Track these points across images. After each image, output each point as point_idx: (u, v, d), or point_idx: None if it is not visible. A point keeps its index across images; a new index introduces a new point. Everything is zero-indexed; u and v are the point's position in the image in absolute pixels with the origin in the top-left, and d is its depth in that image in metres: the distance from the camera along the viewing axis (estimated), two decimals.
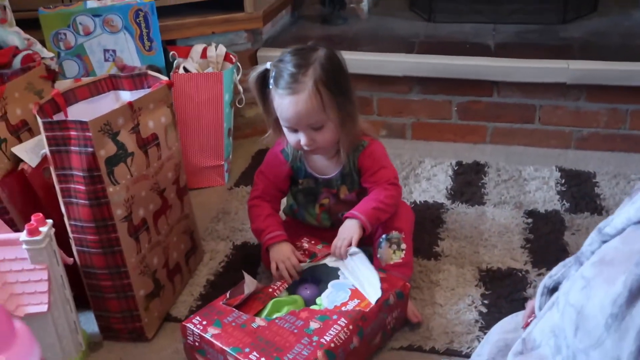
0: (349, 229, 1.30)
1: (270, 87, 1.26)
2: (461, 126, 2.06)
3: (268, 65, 1.27)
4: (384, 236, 1.35)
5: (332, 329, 1.13)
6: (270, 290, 1.29)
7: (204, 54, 1.90)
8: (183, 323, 1.18)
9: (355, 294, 1.24)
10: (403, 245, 1.35)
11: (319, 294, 1.26)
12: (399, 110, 2.09)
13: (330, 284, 1.27)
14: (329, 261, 1.33)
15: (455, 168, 1.88)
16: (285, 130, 1.30)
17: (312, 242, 1.39)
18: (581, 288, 0.74)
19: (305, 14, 2.48)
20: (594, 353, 0.71)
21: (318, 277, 1.31)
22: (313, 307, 1.23)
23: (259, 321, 1.17)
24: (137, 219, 1.23)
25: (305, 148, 1.29)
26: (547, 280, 0.91)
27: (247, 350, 1.09)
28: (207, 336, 1.13)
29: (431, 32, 2.23)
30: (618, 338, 0.68)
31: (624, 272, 0.68)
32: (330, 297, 1.24)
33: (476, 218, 1.63)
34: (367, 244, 1.36)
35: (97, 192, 1.15)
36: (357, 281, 1.27)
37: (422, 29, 2.26)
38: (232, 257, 1.54)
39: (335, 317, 1.16)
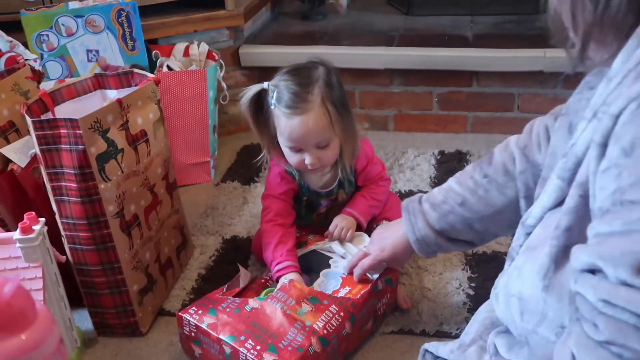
0: (346, 221, 1.34)
1: (272, 107, 1.24)
2: (442, 116, 2.10)
3: (265, 85, 1.26)
4: (374, 226, 1.38)
5: (324, 314, 1.15)
6: (263, 280, 1.31)
7: (186, 52, 1.92)
8: (179, 313, 1.19)
9: (347, 281, 1.26)
10: None
11: (312, 283, 1.28)
12: (381, 102, 2.12)
13: (322, 273, 1.30)
14: (319, 247, 1.35)
15: (438, 157, 1.91)
16: (286, 150, 1.28)
17: (303, 232, 1.41)
18: (516, 277, 0.79)
19: (285, 11, 2.50)
20: (542, 328, 0.75)
21: (309, 266, 1.33)
22: (307, 306, 1.21)
23: (252, 302, 1.18)
24: (129, 215, 1.25)
25: (310, 167, 1.27)
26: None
27: (242, 338, 1.11)
28: (203, 326, 1.14)
29: (410, 25, 2.26)
30: (557, 307, 0.71)
31: (546, 249, 0.73)
32: (322, 286, 1.26)
33: None
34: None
35: (89, 189, 1.17)
36: (348, 249, 1.32)
37: (401, 23, 2.29)
38: (222, 250, 1.56)
39: (326, 302, 1.18)
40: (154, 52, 1.86)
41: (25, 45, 1.66)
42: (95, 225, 1.20)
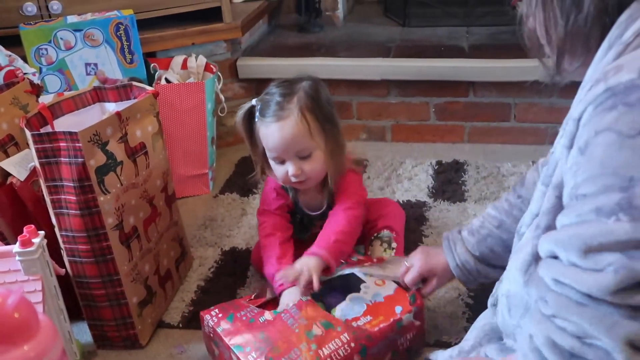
0: (309, 265, 1.22)
1: (257, 120, 1.27)
2: (439, 127, 2.11)
3: (254, 101, 1.28)
4: (375, 235, 1.38)
5: (333, 341, 1.10)
6: None
7: (184, 65, 1.92)
8: (201, 312, 1.23)
9: (370, 310, 1.18)
10: (394, 244, 1.38)
11: (335, 305, 1.22)
12: (378, 113, 2.13)
13: (348, 297, 1.22)
14: (356, 270, 1.28)
15: (436, 167, 1.92)
16: (272, 164, 1.30)
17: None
18: (505, 278, 0.87)
19: (282, 23, 2.51)
20: (524, 321, 0.80)
21: (347, 287, 1.26)
22: (324, 324, 1.16)
23: (267, 315, 1.18)
24: (128, 227, 1.25)
25: (293, 179, 1.26)
26: None
27: (247, 349, 1.11)
28: (219, 330, 1.17)
29: (406, 37, 2.28)
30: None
31: (529, 248, 0.79)
32: (345, 310, 1.19)
33: (458, 214, 1.67)
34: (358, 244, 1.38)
35: (88, 202, 1.17)
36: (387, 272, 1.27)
37: (397, 34, 2.31)
38: (221, 262, 1.56)
39: (339, 328, 1.13)
40: (152, 65, 1.87)
41: (24, 59, 1.67)
42: (95, 237, 1.20)
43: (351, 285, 1.25)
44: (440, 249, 1.21)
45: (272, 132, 1.24)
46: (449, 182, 1.83)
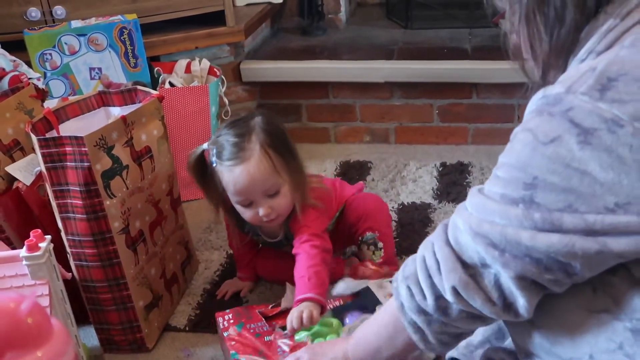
0: (300, 309, 1.17)
1: (214, 164, 1.23)
2: (443, 128, 2.11)
3: (205, 146, 1.25)
4: (360, 239, 1.38)
5: None
6: None
7: (188, 69, 1.93)
8: (216, 313, 1.28)
9: None
10: (380, 244, 1.37)
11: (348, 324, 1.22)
12: (382, 115, 2.13)
13: (360, 318, 1.20)
14: (374, 286, 1.28)
15: (440, 169, 1.92)
16: (238, 207, 1.26)
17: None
18: None
19: (284, 26, 2.52)
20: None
21: (364, 307, 1.25)
22: (330, 337, 1.17)
23: (274, 335, 1.20)
24: (134, 231, 1.26)
25: (265, 219, 1.24)
26: None
27: (243, 359, 1.15)
28: (225, 334, 1.22)
29: (409, 39, 2.28)
30: None
31: None
32: (352, 331, 1.12)
33: None
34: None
35: (95, 206, 1.17)
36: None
37: (400, 36, 2.31)
38: (227, 265, 1.56)
39: None
40: (156, 69, 1.87)
41: (29, 64, 1.67)
42: (101, 241, 1.20)
43: (368, 306, 1.24)
44: None
45: (237, 176, 1.19)
46: (454, 183, 1.83)
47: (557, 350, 0.73)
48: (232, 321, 1.25)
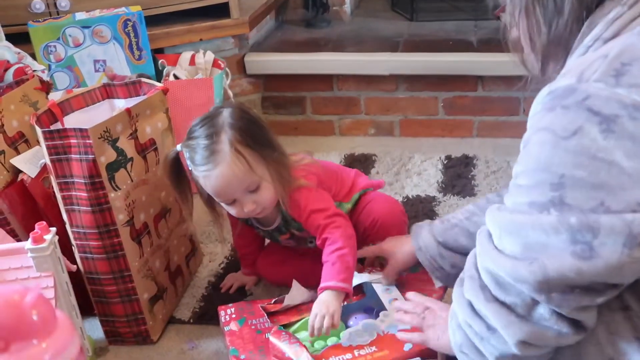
0: (325, 304, 1.13)
1: (190, 168, 1.19)
2: (448, 121, 2.10)
3: (178, 147, 1.21)
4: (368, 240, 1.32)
5: None
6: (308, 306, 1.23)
7: (192, 61, 1.92)
8: (219, 307, 1.29)
9: (378, 341, 1.13)
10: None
11: (348, 325, 1.20)
12: (387, 108, 2.13)
13: (362, 322, 1.18)
14: (380, 288, 1.26)
15: (445, 162, 1.91)
16: (223, 205, 1.23)
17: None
18: None
19: (289, 19, 2.51)
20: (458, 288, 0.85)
21: (370, 311, 1.22)
22: (331, 339, 1.16)
23: (272, 334, 1.17)
24: (139, 223, 1.26)
25: (252, 215, 1.21)
26: None
27: (242, 357, 1.15)
28: (226, 329, 1.22)
29: (414, 31, 2.27)
30: None
31: None
32: (352, 335, 1.15)
33: None
34: None
35: (99, 198, 1.17)
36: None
37: (405, 28, 2.30)
38: (232, 258, 1.56)
39: None
40: (160, 61, 1.87)
41: (33, 56, 1.67)
42: (106, 234, 1.20)
43: (373, 308, 1.22)
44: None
45: (212, 181, 1.16)
46: (459, 176, 1.83)
47: None
48: (234, 316, 1.25)
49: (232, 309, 1.27)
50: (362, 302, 1.26)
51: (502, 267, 0.68)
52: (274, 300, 1.29)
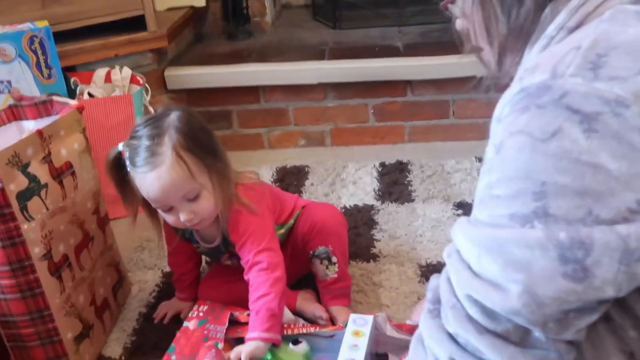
0: (246, 354, 1.09)
1: (128, 169, 1.12)
2: (379, 128, 2.07)
3: (120, 147, 1.14)
4: (311, 253, 1.29)
5: None
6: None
7: (108, 78, 1.81)
8: (198, 302, 1.31)
9: None
10: (334, 259, 1.28)
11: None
12: (316, 117, 2.08)
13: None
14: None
15: (379, 169, 1.88)
16: (160, 212, 1.16)
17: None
18: None
19: (209, 31, 2.42)
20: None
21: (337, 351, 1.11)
22: None
23: (220, 345, 1.15)
24: (58, 256, 1.14)
25: (188, 225, 1.14)
26: None
27: (173, 358, 1.16)
28: (184, 324, 1.25)
29: (338, 39, 2.23)
30: None
31: None
32: None
33: (408, 215, 1.63)
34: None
35: (10, 231, 1.05)
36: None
37: (329, 37, 2.27)
38: (163, 285, 1.46)
39: None
40: (72, 79, 1.74)
41: None
42: (20, 270, 1.08)
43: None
44: None
45: (149, 184, 1.09)
46: (395, 183, 1.79)
47: None
48: (201, 314, 1.25)
49: (206, 307, 1.27)
50: (331, 342, 1.17)
51: (488, 298, 0.60)
52: (246, 312, 1.18)
